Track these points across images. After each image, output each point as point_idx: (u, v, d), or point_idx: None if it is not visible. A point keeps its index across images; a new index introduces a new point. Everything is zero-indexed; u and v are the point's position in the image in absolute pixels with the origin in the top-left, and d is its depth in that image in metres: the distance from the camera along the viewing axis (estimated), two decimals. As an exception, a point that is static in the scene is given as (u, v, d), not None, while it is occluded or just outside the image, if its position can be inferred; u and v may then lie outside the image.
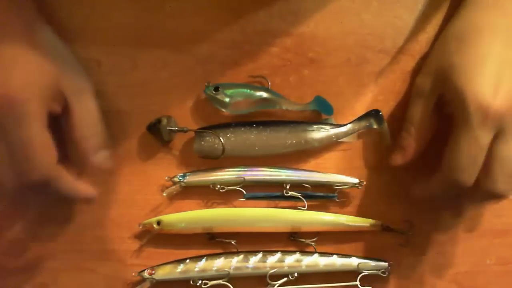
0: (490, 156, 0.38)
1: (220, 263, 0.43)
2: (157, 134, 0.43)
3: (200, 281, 0.42)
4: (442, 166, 0.39)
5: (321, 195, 0.45)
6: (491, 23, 0.41)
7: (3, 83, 0.35)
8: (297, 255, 0.44)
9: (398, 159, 0.43)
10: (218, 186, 0.43)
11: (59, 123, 0.40)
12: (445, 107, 0.41)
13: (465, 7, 0.43)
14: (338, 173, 0.45)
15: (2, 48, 0.37)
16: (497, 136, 0.38)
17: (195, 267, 0.42)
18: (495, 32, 0.40)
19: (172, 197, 0.44)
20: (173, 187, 0.44)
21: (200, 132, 0.44)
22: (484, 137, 0.37)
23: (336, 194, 0.45)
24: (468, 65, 0.39)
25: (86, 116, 0.40)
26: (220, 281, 0.42)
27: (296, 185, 0.44)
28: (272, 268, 0.43)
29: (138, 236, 0.44)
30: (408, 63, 0.47)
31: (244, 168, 0.44)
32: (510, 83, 0.38)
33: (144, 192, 0.44)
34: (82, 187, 0.40)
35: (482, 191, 0.39)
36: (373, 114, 0.46)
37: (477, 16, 0.42)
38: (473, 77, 0.38)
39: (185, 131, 0.44)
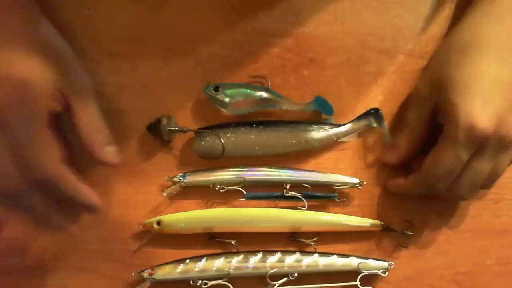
0: (463, 166, 0.40)
1: (220, 263, 0.43)
2: (157, 134, 0.43)
3: (200, 281, 0.42)
4: (422, 170, 0.42)
5: (321, 195, 0.45)
6: (494, 38, 0.41)
7: (5, 82, 0.35)
8: (297, 255, 0.44)
9: (390, 158, 0.45)
10: (218, 186, 0.43)
11: (60, 123, 0.40)
12: (437, 116, 0.42)
13: (471, 17, 0.43)
14: (338, 173, 0.45)
15: (2, 46, 0.37)
16: (476, 151, 0.40)
17: (195, 267, 0.42)
18: (496, 49, 0.41)
19: (172, 197, 0.44)
20: (173, 187, 0.44)
21: (200, 132, 0.44)
22: (466, 155, 0.39)
23: (336, 194, 0.45)
24: (464, 81, 0.40)
25: (88, 114, 0.40)
26: (220, 281, 0.42)
27: (296, 185, 0.44)
28: (272, 268, 0.43)
29: (138, 236, 0.44)
30: (408, 63, 0.47)
31: (244, 168, 0.44)
32: (499, 104, 0.39)
33: (144, 192, 0.44)
34: (86, 190, 0.39)
35: (447, 192, 0.41)
36: (373, 113, 0.46)
37: (481, 28, 0.42)
38: (468, 96, 0.39)
39: (185, 131, 0.44)
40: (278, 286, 0.43)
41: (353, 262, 0.44)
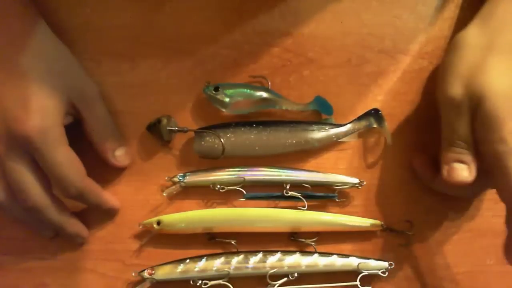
0: None
1: (220, 263, 0.43)
2: (157, 134, 0.43)
3: (200, 281, 0.42)
4: (496, 185, 0.39)
5: (321, 195, 0.45)
6: None
7: (23, 118, 0.37)
8: (297, 255, 0.44)
9: (467, 176, 0.39)
10: (218, 186, 0.43)
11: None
12: (475, 122, 0.39)
13: (502, 16, 0.40)
14: (338, 173, 0.45)
15: (9, 75, 0.38)
16: None
17: (195, 267, 0.42)
18: None
19: (172, 197, 0.44)
20: (173, 187, 0.44)
21: (200, 132, 0.44)
22: None
23: (336, 194, 0.45)
24: (506, 92, 0.37)
25: (98, 122, 0.42)
26: (220, 281, 0.42)
27: (296, 185, 0.44)
28: (272, 268, 0.43)
29: (138, 236, 0.44)
30: (408, 63, 0.47)
31: (244, 168, 0.44)
32: None
33: (144, 192, 0.44)
34: (109, 196, 0.43)
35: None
36: (373, 113, 0.45)
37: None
38: (510, 107, 0.37)
39: (185, 131, 0.44)
40: (278, 286, 0.43)
41: (353, 262, 0.44)
